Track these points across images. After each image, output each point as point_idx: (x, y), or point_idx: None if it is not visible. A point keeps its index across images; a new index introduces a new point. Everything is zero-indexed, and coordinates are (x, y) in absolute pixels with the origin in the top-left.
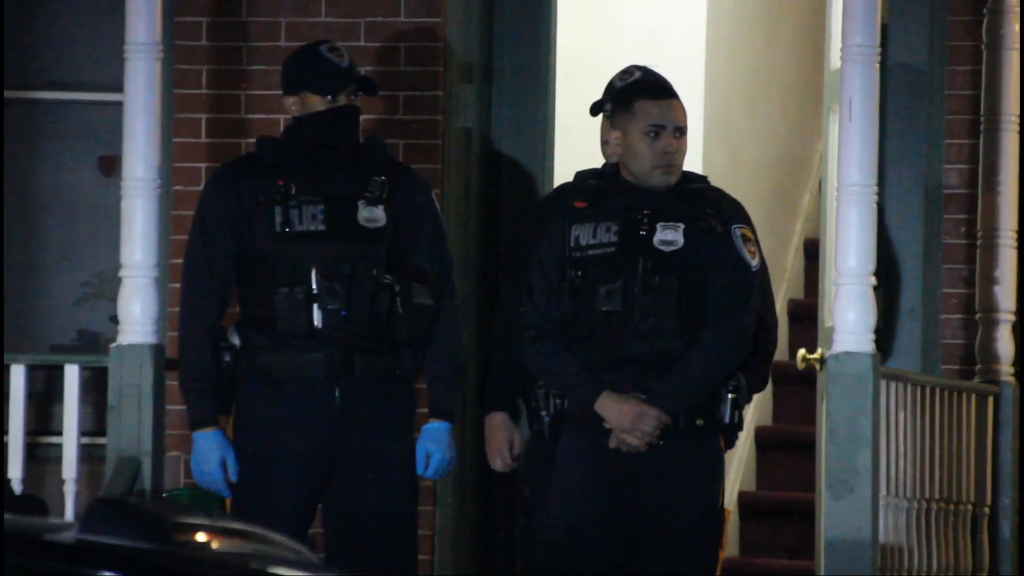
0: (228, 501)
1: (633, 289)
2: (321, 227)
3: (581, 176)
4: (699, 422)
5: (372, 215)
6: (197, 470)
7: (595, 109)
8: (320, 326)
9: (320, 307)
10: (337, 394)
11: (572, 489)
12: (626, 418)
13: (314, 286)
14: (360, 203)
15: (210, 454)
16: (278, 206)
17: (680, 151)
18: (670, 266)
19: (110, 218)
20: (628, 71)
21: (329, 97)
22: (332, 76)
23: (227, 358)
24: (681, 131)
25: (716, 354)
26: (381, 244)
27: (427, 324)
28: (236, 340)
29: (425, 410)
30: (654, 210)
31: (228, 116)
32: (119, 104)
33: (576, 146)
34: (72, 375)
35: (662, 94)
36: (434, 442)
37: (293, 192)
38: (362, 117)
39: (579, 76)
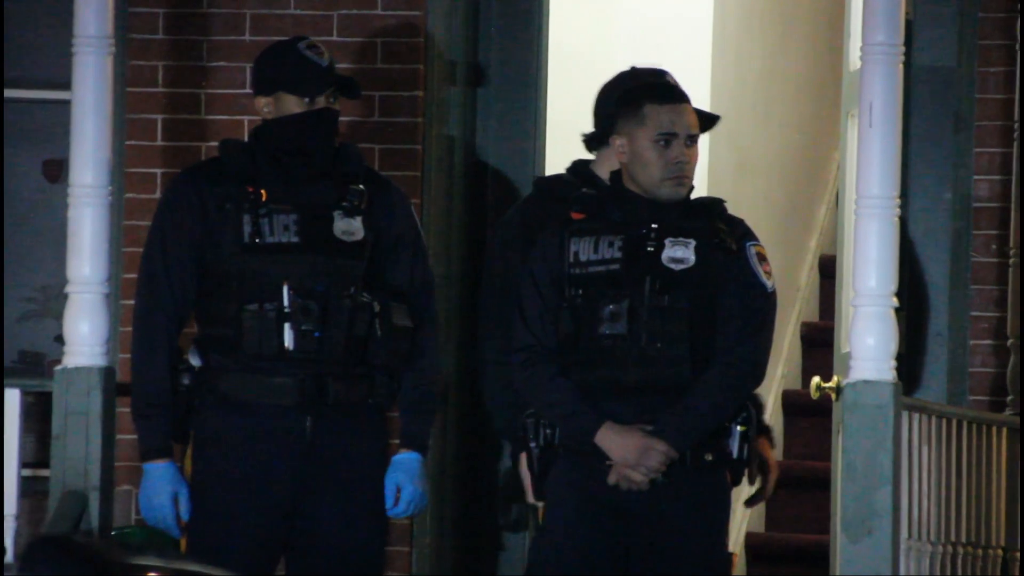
0: (182, 541)
1: (639, 311)
2: (294, 239)
3: (550, 183)
4: (708, 457)
5: (349, 227)
6: (146, 505)
7: (592, 142)
8: (292, 348)
9: (292, 327)
10: (308, 423)
11: (562, 530)
12: (631, 452)
13: (286, 303)
14: (336, 214)
15: (161, 488)
16: (247, 214)
17: (692, 161)
18: (680, 286)
19: (56, 228)
20: (632, 74)
21: (307, 99)
22: (311, 76)
23: (186, 381)
24: (693, 139)
25: (728, 385)
26: (359, 260)
27: (406, 347)
28: (196, 361)
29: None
30: (662, 224)
31: (186, 117)
32: (66, 103)
33: (570, 155)
34: (13, 400)
35: (674, 97)
36: (405, 474)
37: (264, 200)
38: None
39: (573, 78)
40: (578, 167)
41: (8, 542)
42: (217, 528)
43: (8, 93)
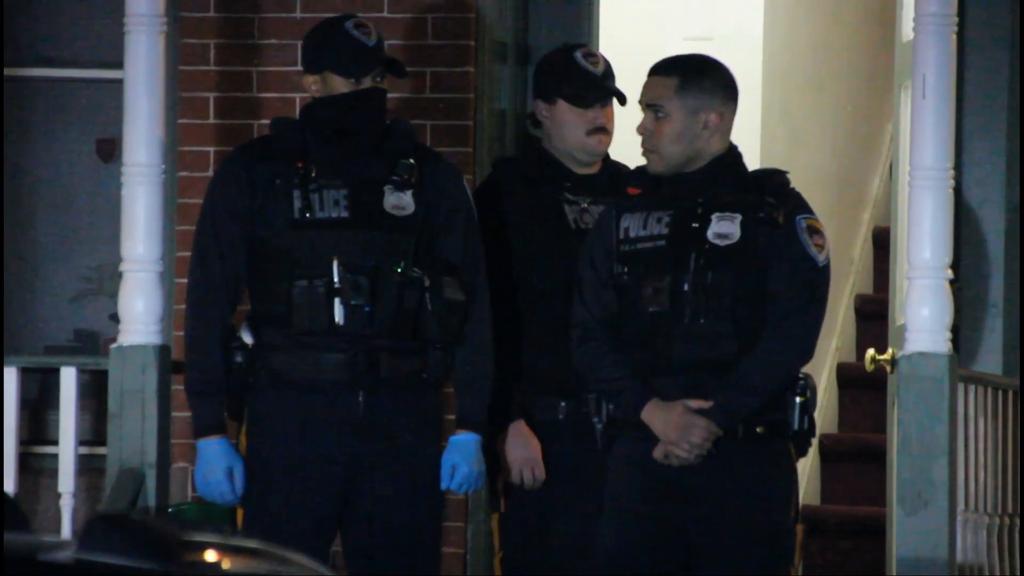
0: (239, 517)
1: (683, 287)
2: (344, 214)
3: (504, 161)
4: (759, 430)
5: (399, 201)
6: (201, 481)
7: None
8: (342, 323)
9: (342, 302)
10: (360, 399)
11: (620, 508)
12: (672, 429)
13: (336, 279)
14: (387, 188)
15: (216, 464)
16: (297, 190)
17: (656, 135)
18: (725, 262)
19: (110, 207)
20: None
21: (353, 79)
22: (357, 56)
23: (238, 359)
24: (654, 109)
25: (775, 363)
26: (409, 234)
27: (458, 322)
28: (248, 338)
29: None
30: (710, 199)
31: (238, 95)
32: (119, 82)
33: (618, 133)
34: (69, 379)
35: (652, 72)
36: (460, 454)
37: (313, 175)
38: (388, 96)
39: (624, 57)
40: (535, 147)
41: (66, 519)
42: (272, 505)
43: (61, 72)
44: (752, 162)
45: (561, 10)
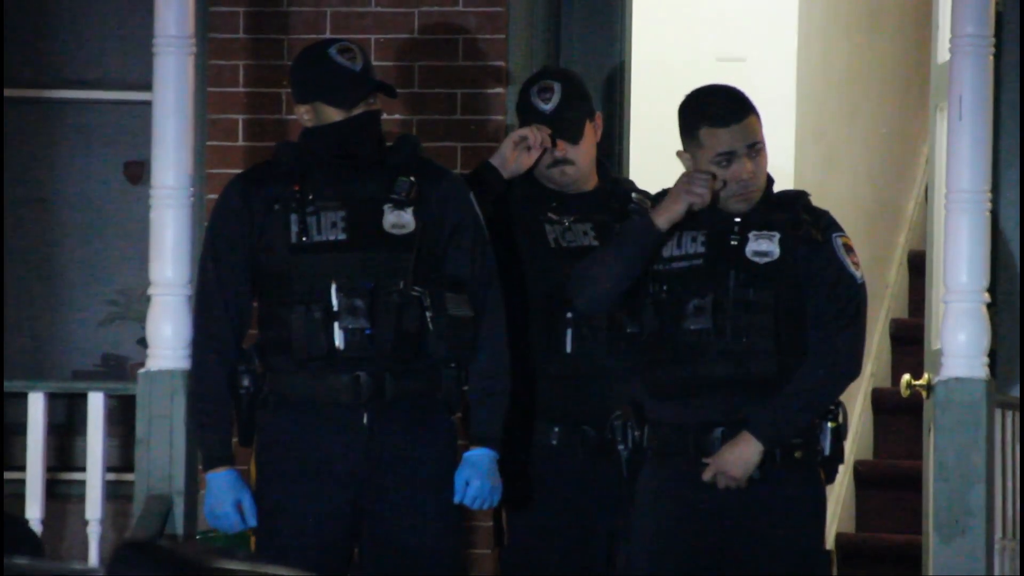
0: (252, 542)
1: (724, 305)
2: (342, 236)
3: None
4: (797, 455)
5: (399, 220)
6: (209, 514)
7: None
8: (342, 347)
9: (341, 326)
10: (365, 420)
11: (654, 536)
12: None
13: (334, 303)
14: (386, 207)
15: (224, 496)
16: (294, 214)
17: (758, 171)
18: (764, 279)
19: (138, 230)
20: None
21: (345, 108)
22: (347, 84)
23: (246, 382)
24: (755, 148)
25: (826, 378)
26: (409, 252)
27: (469, 338)
28: (256, 363)
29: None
30: (746, 217)
31: (268, 117)
32: (147, 104)
33: (653, 155)
34: (96, 404)
35: (729, 120)
36: (473, 469)
37: (311, 198)
38: (416, 118)
39: (657, 78)
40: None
41: (93, 547)
42: (283, 529)
43: (89, 94)
44: (785, 185)
45: (593, 31)
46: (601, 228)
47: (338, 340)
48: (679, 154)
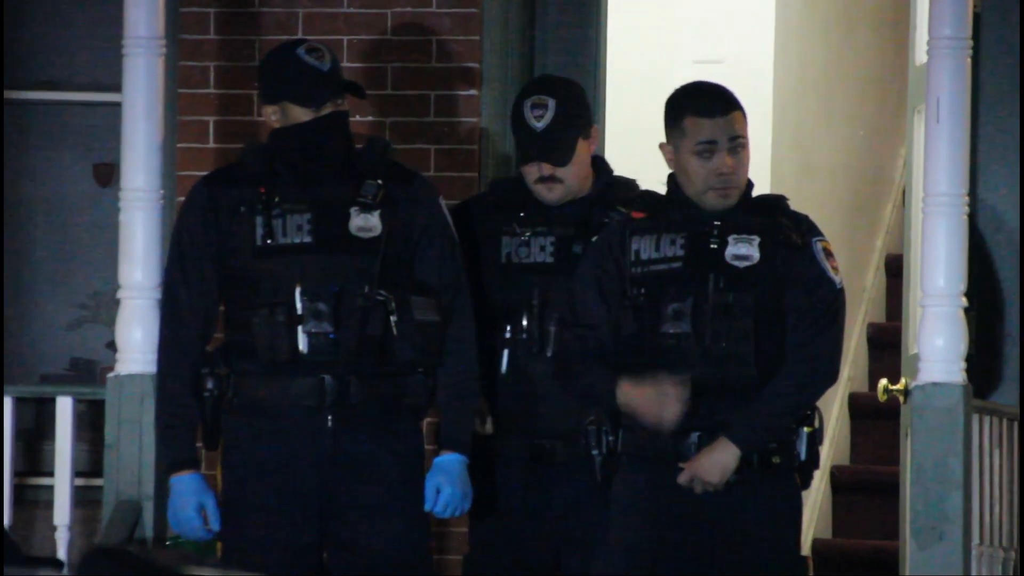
0: (219, 549)
1: (703, 309)
2: (307, 239)
3: (500, 185)
4: (775, 460)
5: (366, 223)
6: (172, 518)
7: None
8: (306, 351)
9: (304, 330)
10: (330, 423)
11: (630, 541)
12: (648, 403)
13: (298, 306)
14: (353, 210)
15: (187, 500)
16: (260, 216)
17: (739, 167)
18: (744, 284)
19: (107, 233)
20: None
21: (313, 108)
22: (314, 84)
23: (210, 385)
24: (738, 141)
25: (804, 383)
26: (374, 256)
27: (434, 343)
28: (221, 366)
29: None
30: (725, 221)
31: (239, 118)
32: (117, 105)
33: (629, 157)
34: (65, 408)
35: (715, 111)
36: (444, 476)
37: (276, 200)
38: (389, 120)
39: (633, 81)
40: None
41: (62, 553)
42: (249, 533)
43: (58, 95)
44: (763, 189)
45: (569, 33)
46: (562, 242)
47: (302, 344)
48: (661, 146)
